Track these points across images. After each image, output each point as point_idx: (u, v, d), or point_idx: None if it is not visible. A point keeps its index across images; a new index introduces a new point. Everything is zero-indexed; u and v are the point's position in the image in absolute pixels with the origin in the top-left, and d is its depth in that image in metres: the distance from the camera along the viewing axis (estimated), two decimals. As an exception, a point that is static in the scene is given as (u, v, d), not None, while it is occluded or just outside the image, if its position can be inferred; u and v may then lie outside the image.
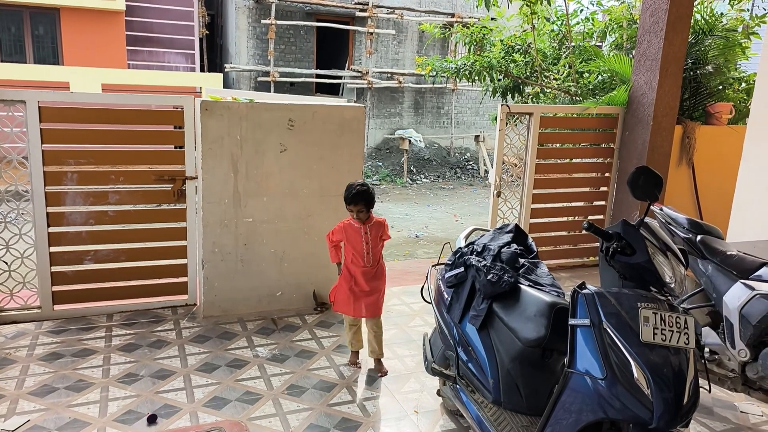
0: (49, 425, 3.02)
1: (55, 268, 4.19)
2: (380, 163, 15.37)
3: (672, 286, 2.08)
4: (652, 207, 2.34)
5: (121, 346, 3.91)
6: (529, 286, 2.73)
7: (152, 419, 3.08)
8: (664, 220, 3.46)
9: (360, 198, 3.53)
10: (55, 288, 4.21)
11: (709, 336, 3.16)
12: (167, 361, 3.72)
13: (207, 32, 15.79)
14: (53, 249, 4.16)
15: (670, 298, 2.10)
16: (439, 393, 3.37)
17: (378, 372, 3.72)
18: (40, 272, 4.16)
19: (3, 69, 10.60)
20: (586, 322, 2.08)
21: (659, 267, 2.09)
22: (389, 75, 16.15)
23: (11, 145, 4.06)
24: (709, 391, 2.46)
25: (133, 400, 3.28)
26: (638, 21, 5.77)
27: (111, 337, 4.01)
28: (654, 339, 1.95)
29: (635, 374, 1.91)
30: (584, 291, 2.13)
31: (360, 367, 3.78)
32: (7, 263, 4.13)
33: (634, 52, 5.86)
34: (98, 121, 4.21)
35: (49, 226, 4.11)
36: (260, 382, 3.53)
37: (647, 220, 2.25)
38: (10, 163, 4.07)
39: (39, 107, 3.92)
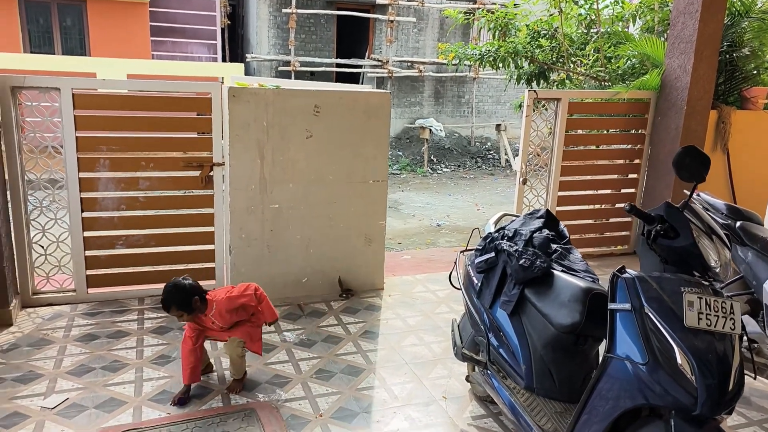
0: (87, 403, 3.09)
1: (88, 253, 4.26)
2: (400, 153, 15.33)
3: (717, 270, 2.04)
4: (686, 192, 2.28)
5: (153, 328, 3.97)
6: (562, 271, 2.70)
7: (182, 402, 3.11)
8: (701, 206, 3.38)
9: (168, 302, 3.06)
10: (89, 272, 4.29)
11: (749, 324, 3.09)
12: (198, 345, 3.76)
13: (228, 22, 15.84)
14: (87, 234, 4.23)
15: (713, 282, 2.06)
16: (468, 379, 3.36)
17: (227, 389, 3.27)
18: (74, 256, 4.23)
19: (33, 60, 10.77)
20: (627, 306, 2.05)
21: (704, 250, 2.04)
22: (410, 64, 16.05)
23: (46, 134, 4.12)
24: (755, 378, 2.41)
25: (167, 380, 3.33)
26: (671, 3, 5.63)
27: (143, 320, 4.08)
28: (699, 324, 1.91)
29: (679, 360, 1.88)
30: (624, 275, 2.09)
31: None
32: (43, 247, 4.21)
33: (666, 35, 5.72)
34: (129, 108, 4.26)
35: (82, 211, 4.18)
36: (289, 366, 3.56)
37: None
38: (45, 150, 4.13)
39: (73, 94, 3.98)
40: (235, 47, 17.44)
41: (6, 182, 3.97)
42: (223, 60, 15.23)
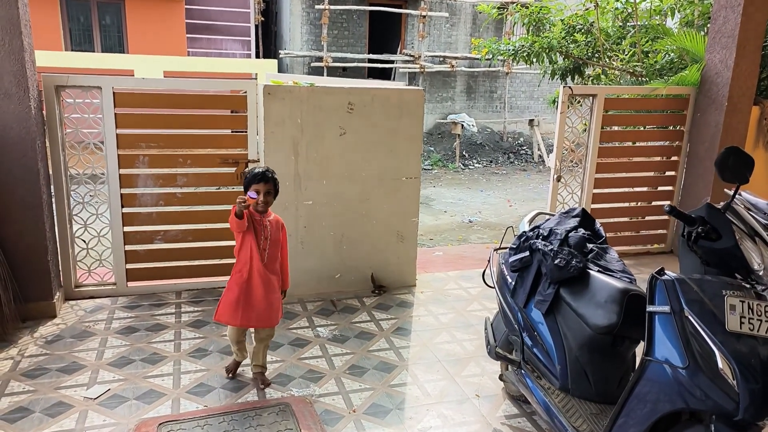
0: (128, 394, 3.18)
1: (128, 247, 4.37)
2: (432, 148, 15.28)
3: (760, 273, 1.98)
4: (727, 192, 2.23)
5: (190, 322, 4.06)
6: (598, 271, 2.67)
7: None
8: (742, 206, 3.29)
9: (273, 178, 3.12)
10: (129, 266, 4.40)
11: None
12: (233, 339, 3.84)
13: (262, 19, 16.01)
14: (127, 229, 4.34)
15: (756, 286, 2.01)
16: (501, 377, 3.35)
17: (261, 384, 3.29)
18: (115, 250, 4.36)
19: (74, 58, 11.09)
20: (666, 309, 2.01)
21: (747, 253, 1.99)
22: (442, 59, 15.97)
23: (87, 130, 4.25)
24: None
25: (204, 373, 3.41)
26: (712, -4, 5.47)
27: (180, 314, 4.18)
28: (741, 328, 1.87)
29: (720, 364, 1.84)
30: (664, 277, 2.06)
31: (231, 377, 3.36)
32: (85, 241, 4.35)
33: (706, 29, 5.57)
34: (167, 105, 4.35)
35: (123, 206, 4.29)
36: (322, 361, 3.60)
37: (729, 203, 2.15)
38: (87, 147, 4.26)
39: (113, 93, 4.09)
40: (269, 43, 17.62)
41: (50, 178, 4.11)
42: (257, 56, 15.40)
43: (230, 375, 3.38)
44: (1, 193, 3.78)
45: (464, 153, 15.33)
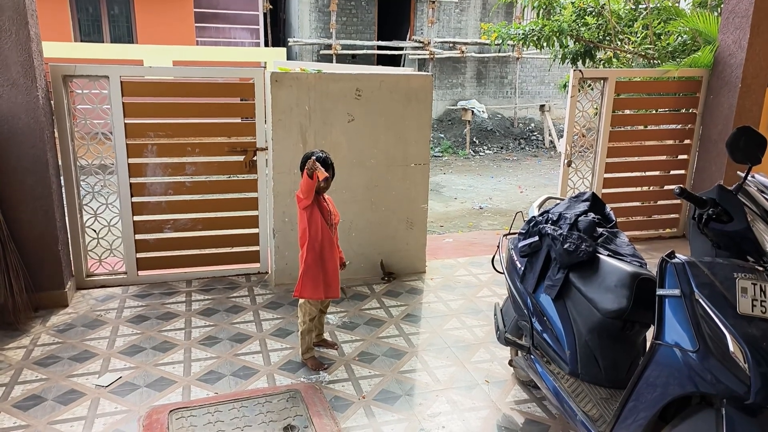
0: (139, 382, 3.21)
1: (138, 236, 4.40)
2: (442, 135, 15.19)
3: (773, 255, 1.94)
4: (739, 174, 2.19)
5: (201, 310, 4.08)
6: (608, 255, 2.64)
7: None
8: (756, 188, 3.23)
9: (332, 164, 3.30)
10: (139, 255, 4.43)
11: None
12: (243, 326, 3.86)
13: (270, 7, 15.93)
14: (136, 218, 4.36)
15: (769, 268, 1.97)
16: (510, 363, 3.34)
17: (334, 346, 3.59)
18: (125, 240, 4.38)
19: (83, 48, 11.12)
20: (676, 292, 1.98)
21: (759, 235, 1.95)
22: (451, 45, 15.82)
23: (96, 120, 4.26)
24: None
25: (214, 361, 3.43)
26: (726, -25, 5.36)
27: (191, 302, 4.20)
28: (752, 311, 1.84)
29: (731, 347, 1.81)
30: (674, 260, 2.02)
31: (326, 368, 3.39)
32: (95, 231, 4.38)
33: (719, 9, 5.46)
34: (175, 94, 4.35)
35: (132, 196, 4.31)
36: (332, 349, 3.60)
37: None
38: (95, 137, 4.28)
39: (121, 82, 4.09)
40: (277, 32, 17.54)
41: (60, 168, 4.14)
42: (266, 45, 15.34)
43: (325, 366, 3.38)
44: (12, 183, 3.81)
45: (475, 139, 15.23)
